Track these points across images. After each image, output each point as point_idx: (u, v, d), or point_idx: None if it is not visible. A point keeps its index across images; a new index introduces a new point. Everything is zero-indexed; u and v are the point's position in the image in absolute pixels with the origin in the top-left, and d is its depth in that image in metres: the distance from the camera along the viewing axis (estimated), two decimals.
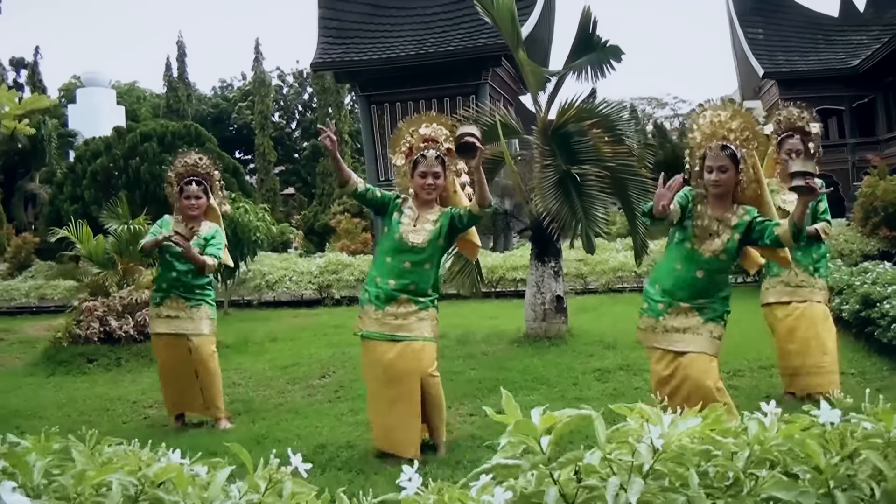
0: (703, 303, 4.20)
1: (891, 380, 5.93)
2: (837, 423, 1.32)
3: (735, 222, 4.15)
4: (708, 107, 4.32)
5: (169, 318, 5.85)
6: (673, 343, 4.23)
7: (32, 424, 6.37)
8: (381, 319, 4.65)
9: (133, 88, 49.91)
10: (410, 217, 4.65)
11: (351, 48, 20.24)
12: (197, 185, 5.73)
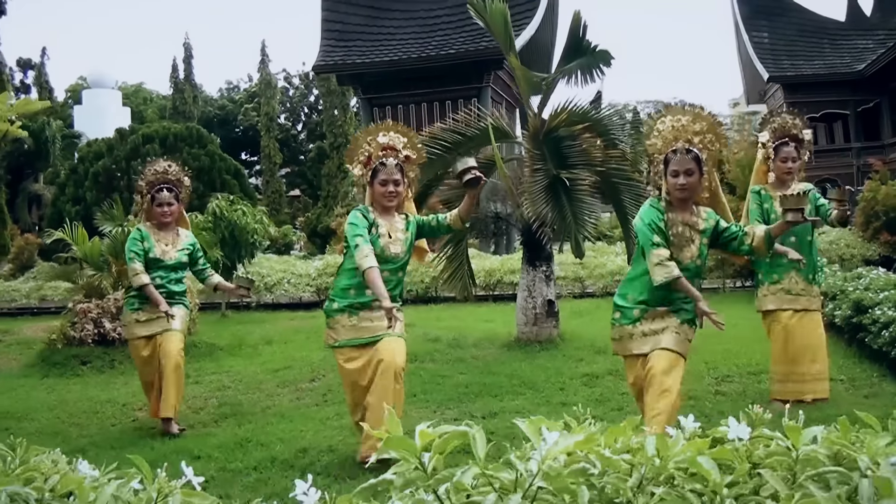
0: (679, 304, 4.20)
1: (879, 386, 5.90)
2: (746, 439, 1.31)
3: (702, 226, 4.20)
4: (667, 112, 4.29)
5: (149, 322, 5.89)
6: (648, 346, 4.22)
7: (22, 426, 6.40)
8: (356, 325, 4.66)
9: (140, 90, 50.09)
10: (385, 228, 4.66)
11: (353, 51, 20.29)
12: (168, 191, 5.79)
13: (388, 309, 4.28)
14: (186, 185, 6.06)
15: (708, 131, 4.13)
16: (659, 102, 45.96)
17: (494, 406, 5.80)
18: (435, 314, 11.41)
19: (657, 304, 4.20)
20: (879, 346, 6.31)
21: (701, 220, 4.20)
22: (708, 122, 4.18)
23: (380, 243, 4.60)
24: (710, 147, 4.14)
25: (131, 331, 6.06)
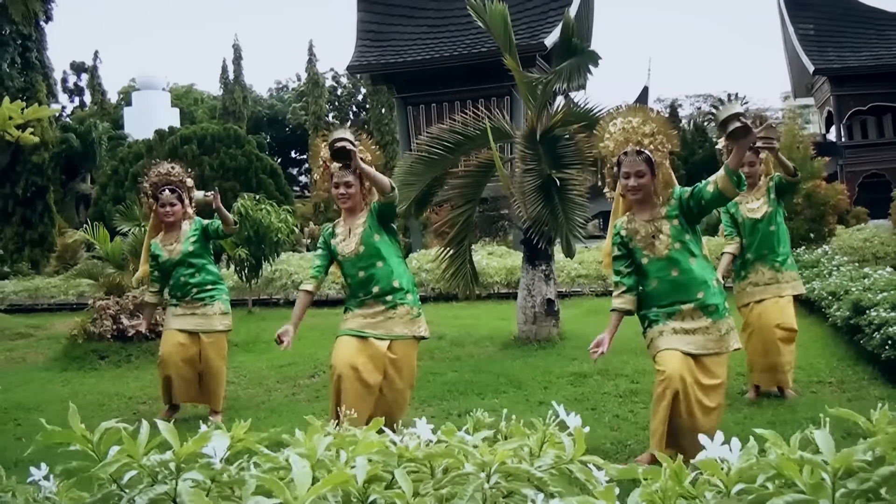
0: (702, 300, 4.06)
1: (867, 390, 5.80)
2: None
3: (666, 211, 4.12)
4: (617, 113, 4.26)
5: (183, 316, 6.08)
6: (683, 344, 4.07)
7: (30, 417, 6.72)
8: (352, 320, 4.83)
9: (190, 91, 51.23)
10: (342, 234, 4.79)
11: (388, 51, 20.46)
12: (171, 192, 5.94)
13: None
14: (189, 187, 6.20)
15: (659, 132, 4.10)
16: (709, 97, 45.29)
17: (473, 404, 5.86)
18: (453, 312, 11.50)
19: (682, 301, 4.09)
20: (873, 347, 6.20)
21: (665, 206, 4.13)
22: (658, 123, 4.13)
23: (337, 249, 4.76)
24: (661, 148, 4.10)
25: (167, 322, 6.24)
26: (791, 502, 0.85)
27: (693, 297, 4.06)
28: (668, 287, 4.10)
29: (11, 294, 15.95)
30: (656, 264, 4.11)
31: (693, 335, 4.06)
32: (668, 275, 4.09)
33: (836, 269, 9.20)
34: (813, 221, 11.81)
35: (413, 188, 8.33)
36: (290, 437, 1.42)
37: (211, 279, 6.13)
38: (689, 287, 4.07)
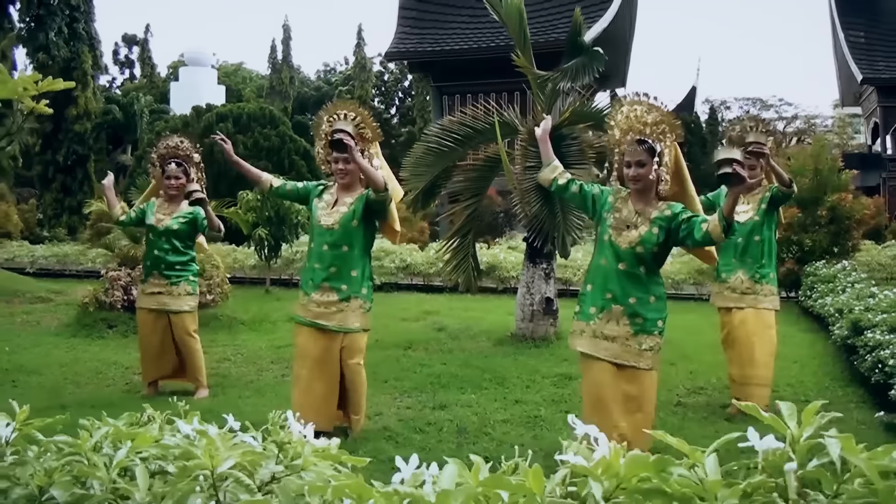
0: (634, 306, 4.07)
1: (851, 413, 5.65)
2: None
3: (654, 215, 4.07)
4: (624, 102, 4.20)
5: (152, 295, 6.22)
6: (600, 350, 4.12)
7: (29, 380, 6.92)
8: (305, 306, 4.86)
9: (239, 69, 51.76)
10: (328, 202, 4.84)
11: (426, 39, 20.48)
12: (177, 165, 6.06)
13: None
14: (196, 162, 6.30)
15: (661, 122, 4.02)
16: (758, 101, 44.38)
17: (452, 398, 5.89)
18: (464, 304, 11.50)
19: (613, 298, 4.10)
20: (865, 370, 6.06)
21: (657, 210, 4.08)
22: (661, 113, 4.04)
23: (316, 214, 4.83)
24: (663, 137, 4.02)
25: (138, 300, 6.49)
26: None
27: (626, 301, 4.05)
28: (612, 275, 4.09)
29: (41, 258, 16.38)
30: (613, 248, 4.10)
31: (612, 342, 4.06)
32: (616, 265, 4.08)
33: (851, 285, 9.00)
34: (836, 235, 11.54)
35: (422, 178, 8.33)
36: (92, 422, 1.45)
37: (183, 261, 6.25)
38: (628, 289, 4.06)
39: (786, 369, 7.03)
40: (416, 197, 8.38)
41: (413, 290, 13.81)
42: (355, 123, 4.83)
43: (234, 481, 1.06)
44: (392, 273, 13.92)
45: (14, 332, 9.29)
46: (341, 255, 4.81)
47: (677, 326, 9.14)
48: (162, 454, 1.31)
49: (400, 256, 14.00)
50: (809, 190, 11.63)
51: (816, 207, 11.55)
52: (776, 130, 5.76)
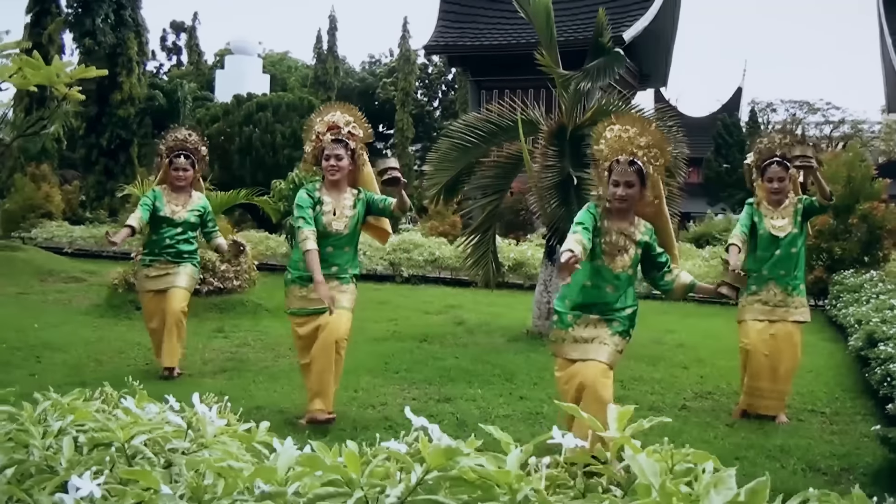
0: (613, 315, 4.16)
1: (857, 426, 5.60)
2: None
3: (638, 238, 4.14)
4: (617, 120, 4.23)
5: (157, 278, 6.42)
6: (580, 353, 4.20)
7: (53, 357, 7.16)
8: (306, 296, 4.98)
9: (285, 58, 52.29)
10: (330, 205, 4.93)
11: (466, 33, 20.54)
12: (185, 158, 6.24)
13: (323, 296, 4.65)
14: (203, 154, 6.51)
15: (654, 146, 4.04)
16: (804, 104, 43.69)
17: (458, 392, 5.98)
18: (489, 299, 11.53)
19: (591, 312, 4.17)
20: (874, 382, 6.00)
21: (639, 231, 4.17)
22: (655, 137, 4.08)
23: (323, 220, 4.91)
24: (654, 162, 4.05)
25: (141, 284, 6.69)
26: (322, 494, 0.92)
27: (605, 313, 4.15)
28: (596, 296, 4.15)
29: (79, 239, 16.82)
30: (605, 273, 4.13)
31: (590, 343, 4.13)
32: (605, 287, 4.13)
33: (876, 296, 8.87)
34: (867, 244, 11.37)
35: (446, 173, 8.43)
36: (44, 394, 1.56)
37: (193, 249, 6.51)
38: (610, 305, 4.15)
39: (800, 378, 6.97)
40: (438, 192, 8.48)
41: (440, 284, 13.91)
42: (346, 121, 4.94)
43: (143, 456, 1.15)
44: (420, 266, 14.04)
45: (45, 310, 9.59)
46: (343, 255, 5.04)
47: (696, 331, 9.16)
48: (100, 427, 1.42)
49: (429, 249, 14.11)
50: (842, 197, 11.45)
51: (848, 215, 11.39)
52: (817, 143, 5.75)
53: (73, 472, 1.19)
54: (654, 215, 4.23)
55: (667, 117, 8.69)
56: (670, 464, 0.89)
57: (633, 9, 19.27)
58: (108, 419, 1.26)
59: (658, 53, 22.02)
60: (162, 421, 1.29)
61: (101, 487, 0.99)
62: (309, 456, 0.92)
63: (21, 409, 1.49)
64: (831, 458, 4.86)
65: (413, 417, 1.05)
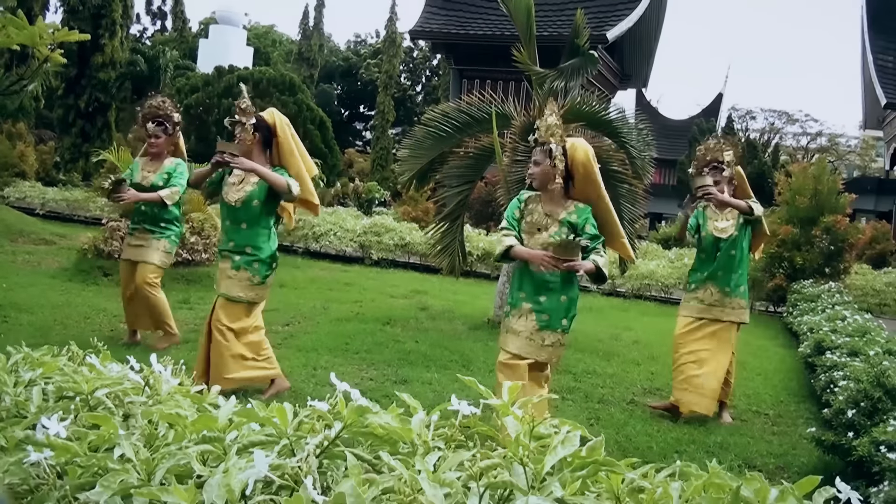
0: (543, 304, 4.27)
1: (798, 428, 5.84)
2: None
3: (562, 216, 4.27)
4: (550, 110, 4.38)
5: (134, 248, 6.51)
6: (508, 344, 4.39)
7: (20, 318, 7.21)
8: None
9: (270, 31, 51.96)
10: (237, 177, 5.09)
11: (452, 20, 20.61)
12: (157, 125, 6.33)
13: None
14: (176, 121, 6.56)
15: (555, 126, 4.24)
16: (783, 114, 44.24)
17: (415, 375, 6.14)
18: (455, 287, 11.69)
19: (525, 297, 4.31)
20: (819, 388, 6.26)
21: (566, 212, 4.29)
22: (557, 122, 4.27)
23: (223, 189, 5.13)
24: (553, 138, 4.20)
25: (122, 252, 6.80)
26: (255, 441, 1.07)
27: (534, 299, 4.27)
28: (526, 276, 4.31)
29: (52, 201, 16.72)
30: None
31: (517, 336, 4.31)
32: (528, 265, 4.28)
33: (832, 307, 9.16)
34: (829, 256, 11.69)
35: (419, 161, 8.56)
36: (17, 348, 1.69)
37: (166, 218, 6.48)
38: (538, 287, 4.27)
39: (749, 381, 7.24)
40: (410, 179, 8.62)
41: (408, 269, 14.06)
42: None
43: (104, 407, 1.30)
44: (390, 250, 14.16)
45: (14, 271, 9.61)
46: (241, 232, 5.16)
47: (653, 329, 9.39)
48: (67, 380, 1.56)
49: (399, 234, 14.24)
50: (807, 209, 11.78)
51: (812, 227, 11.70)
52: (738, 142, 5.97)
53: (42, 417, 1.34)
54: (593, 200, 4.35)
55: (639, 120, 8.91)
56: (531, 426, 1.06)
57: (619, 9, 19.47)
58: (75, 373, 1.40)
59: (641, 54, 22.28)
60: (122, 377, 1.43)
61: (67, 430, 1.13)
62: (245, 409, 1.07)
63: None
64: (768, 456, 5.10)
65: (337, 382, 1.20)
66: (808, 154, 41.15)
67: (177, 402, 1.35)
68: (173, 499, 0.85)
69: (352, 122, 54.85)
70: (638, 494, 0.99)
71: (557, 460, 0.95)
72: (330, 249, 14.88)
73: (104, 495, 0.91)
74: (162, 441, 1.12)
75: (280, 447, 1.01)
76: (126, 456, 0.99)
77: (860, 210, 22.67)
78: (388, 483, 0.91)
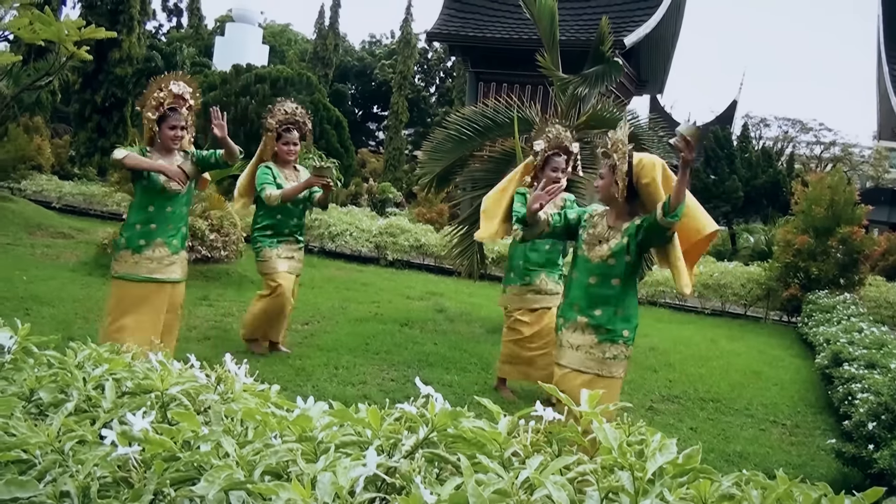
0: (600, 318, 4.19)
1: (815, 440, 5.88)
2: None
3: (625, 226, 4.18)
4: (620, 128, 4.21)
5: (291, 260, 6.59)
6: (564, 357, 4.30)
7: (41, 310, 7.30)
8: (138, 263, 5.24)
9: (285, 30, 52.07)
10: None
11: (470, 23, 20.61)
12: (294, 132, 6.35)
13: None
14: (310, 128, 6.56)
15: (622, 143, 4.14)
16: (797, 122, 44.00)
17: (435, 376, 6.19)
18: (471, 290, 11.70)
19: (580, 310, 4.24)
20: (836, 400, 6.27)
21: (629, 222, 4.19)
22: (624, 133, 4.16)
23: (160, 180, 5.11)
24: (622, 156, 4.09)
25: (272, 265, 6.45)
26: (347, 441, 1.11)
27: (590, 313, 4.20)
28: (579, 289, 4.27)
29: (68, 195, 16.84)
30: (585, 263, 4.25)
31: (575, 350, 4.23)
32: (587, 279, 4.24)
33: (847, 318, 9.16)
34: (844, 267, 11.67)
35: (439, 163, 8.59)
36: (79, 344, 1.74)
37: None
38: (594, 301, 4.21)
39: (765, 390, 7.26)
40: (430, 181, 8.65)
41: (423, 270, 14.10)
42: (190, 93, 5.20)
43: (178, 403, 1.34)
44: (405, 251, 14.20)
45: (33, 264, 9.70)
46: (175, 213, 5.27)
47: (668, 336, 9.40)
48: (130, 377, 1.60)
49: (415, 235, 14.27)
50: (823, 220, 11.76)
51: (828, 237, 11.67)
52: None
53: (115, 414, 1.38)
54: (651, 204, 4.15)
55: (658, 126, 8.92)
56: (627, 433, 1.09)
57: (637, 14, 19.45)
58: (150, 370, 1.44)
59: (657, 60, 22.24)
60: (192, 376, 1.47)
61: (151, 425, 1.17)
62: (340, 410, 1.11)
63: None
64: (787, 466, 5.11)
65: (421, 385, 1.23)
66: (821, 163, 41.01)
67: (247, 402, 1.39)
68: (289, 494, 0.89)
69: (365, 122, 54.93)
70: (726, 501, 1.03)
71: (657, 467, 0.98)
72: (345, 249, 14.94)
73: (211, 489, 0.94)
74: (243, 438, 1.16)
75: (374, 447, 1.05)
76: (226, 451, 1.03)
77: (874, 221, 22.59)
78: (500, 485, 0.94)
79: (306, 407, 1.19)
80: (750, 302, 12.76)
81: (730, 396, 6.81)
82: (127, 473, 1.16)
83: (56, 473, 1.18)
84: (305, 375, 5.93)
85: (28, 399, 1.51)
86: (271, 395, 1.57)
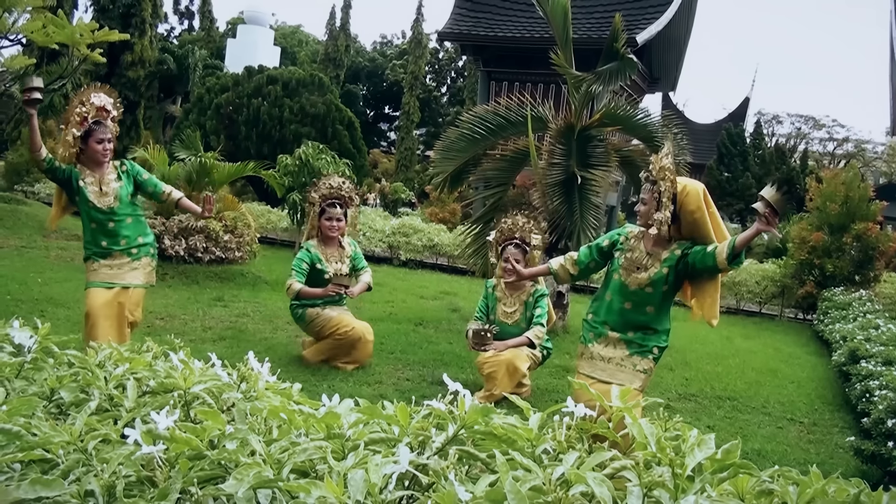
0: (633, 336, 4.18)
1: (833, 437, 5.83)
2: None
3: (665, 256, 4.09)
4: (667, 149, 4.07)
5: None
6: (596, 370, 4.25)
7: (55, 311, 7.34)
8: (97, 270, 5.11)
9: (297, 31, 52.20)
10: (94, 182, 4.97)
11: (482, 22, 20.59)
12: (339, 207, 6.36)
13: None
14: (357, 203, 6.52)
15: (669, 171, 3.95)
16: (810, 119, 43.81)
17: (449, 375, 6.11)
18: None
19: (612, 328, 4.21)
20: (854, 397, 6.22)
21: (668, 251, 4.10)
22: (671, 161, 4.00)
23: (90, 197, 4.95)
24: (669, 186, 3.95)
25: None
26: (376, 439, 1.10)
27: (623, 333, 4.17)
28: (614, 312, 4.21)
29: None
30: (621, 288, 4.18)
31: (607, 363, 4.20)
32: (622, 304, 4.18)
33: (863, 315, 9.09)
34: (859, 264, 11.58)
35: (452, 163, 8.58)
36: (99, 344, 1.74)
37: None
38: (628, 324, 4.17)
39: (781, 388, 7.21)
40: (443, 180, 8.64)
41: (436, 270, 14.09)
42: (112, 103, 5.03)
43: (201, 401, 1.33)
44: (418, 251, 14.20)
45: (48, 266, 9.75)
46: (125, 226, 5.08)
47: (684, 335, 9.33)
48: (151, 376, 1.59)
49: (427, 235, 14.27)
50: (838, 216, 11.68)
51: (843, 234, 11.59)
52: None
53: (138, 413, 1.37)
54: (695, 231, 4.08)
55: (673, 124, 8.87)
56: (664, 428, 1.08)
57: (649, 12, 19.38)
58: (172, 369, 1.43)
59: (669, 58, 22.15)
60: (214, 374, 1.46)
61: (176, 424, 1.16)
62: (369, 407, 1.10)
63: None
64: (806, 465, 5.01)
65: (449, 382, 1.23)
66: (834, 160, 40.79)
67: (270, 400, 1.38)
68: (320, 492, 0.88)
69: (376, 122, 55.02)
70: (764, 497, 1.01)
71: (696, 463, 0.97)
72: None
73: (241, 487, 0.93)
74: (269, 436, 1.15)
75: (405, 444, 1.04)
76: (253, 450, 1.02)
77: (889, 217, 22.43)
78: (536, 481, 0.93)
79: (333, 404, 1.19)
80: (765, 299, 12.69)
81: (746, 394, 6.77)
82: (151, 472, 1.15)
83: (80, 473, 1.17)
84: (321, 376, 5.93)
85: (49, 399, 1.51)
86: (293, 393, 1.57)
